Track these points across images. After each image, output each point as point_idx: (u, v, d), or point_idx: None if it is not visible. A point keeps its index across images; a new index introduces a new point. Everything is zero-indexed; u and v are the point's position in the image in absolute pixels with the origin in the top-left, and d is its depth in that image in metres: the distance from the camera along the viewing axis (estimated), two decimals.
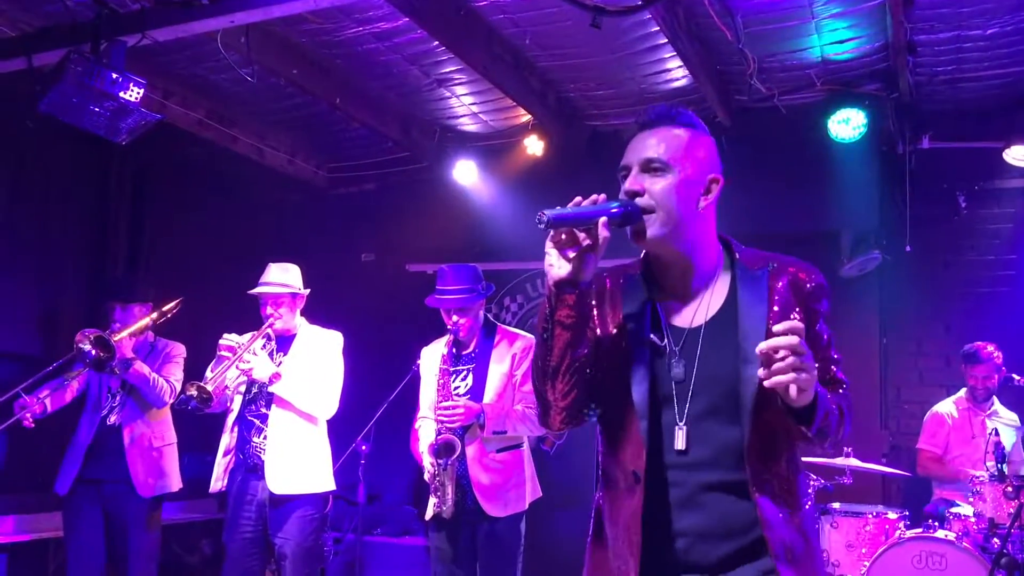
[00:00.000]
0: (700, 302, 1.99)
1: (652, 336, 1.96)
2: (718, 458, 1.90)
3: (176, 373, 4.79)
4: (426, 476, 4.13)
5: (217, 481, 4.30)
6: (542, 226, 1.85)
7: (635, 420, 1.92)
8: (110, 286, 5.12)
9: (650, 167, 1.93)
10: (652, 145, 1.94)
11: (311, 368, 4.35)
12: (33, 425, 4.48)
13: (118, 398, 4.68)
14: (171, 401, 4.71)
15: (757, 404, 1.86)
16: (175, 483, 4.77)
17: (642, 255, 2.09)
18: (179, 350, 4.89)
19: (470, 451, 4.09)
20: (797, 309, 1.94)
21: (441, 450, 4.04)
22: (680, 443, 1.91)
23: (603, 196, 1.90)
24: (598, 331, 2.02)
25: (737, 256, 2.02)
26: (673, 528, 1.91)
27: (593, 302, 2.05)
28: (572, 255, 1.88)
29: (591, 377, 1.98)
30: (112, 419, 4.64)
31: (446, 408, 4.04)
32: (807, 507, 1.97)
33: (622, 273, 2.10)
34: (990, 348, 5.33)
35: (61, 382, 4.60)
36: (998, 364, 5.31)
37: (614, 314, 2.03)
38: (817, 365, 1.81)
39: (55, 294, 6.01)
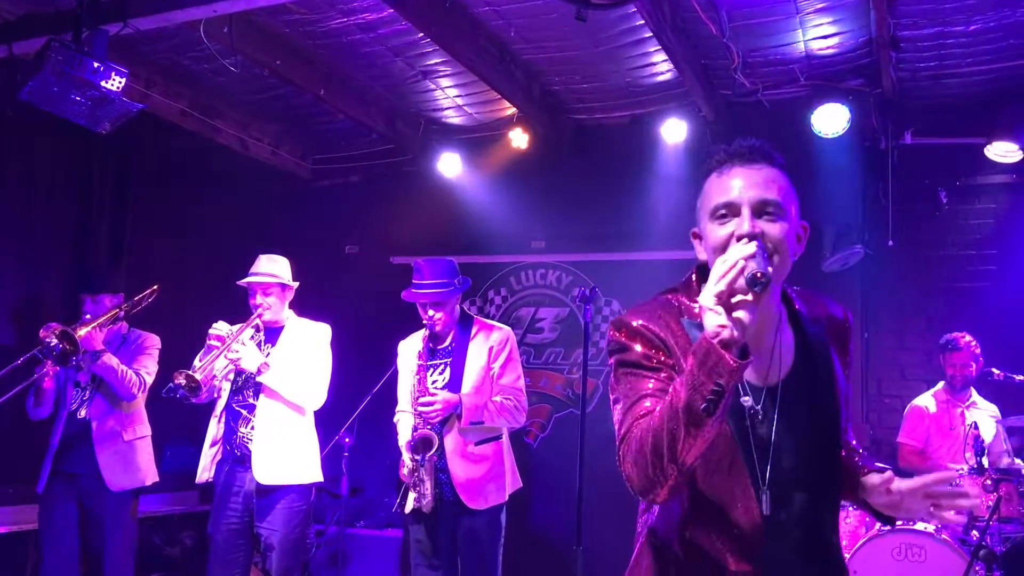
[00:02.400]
0: (772, 357, 1.84)
1: (745, 400, 1.79)
2: (801, 519, 1.82)
3: (149, 365, 4.74)
4: (405, 471, 4.13)
5: (204, 472, 4.29)
6: (761, 287, 1.60)
7: (736, 488, 1.79)
8: (80, 278, 5.08)
9: (766, 210, 1.77)
10: (763, 184, 1.79)
11: (299, 359, 4.34)
12: (52, 387, 4.48)
13: (87, 392, 4.64)
14: (140, 394, 4.66)
15: (836, 464, 1.84)
16: (149, 477, 4.73)
17: (694, 301, 1.83)
18: (152, 341, 4.85)
19: (449, 444, 4.09)
20: (840, 357, 1.91)
21: (419, 445, 4.04)
22: (766, 508, 1.79)
23: (755, 245, 1.69)
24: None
25: (796, 305, 1.92)
26: None
27: (668, 359, 1.83)
28: (742, 315, 1.62)
29: None
30: (81, 413, 4.60)
31: (424, 403, 4.04)
32: None
33: (676, 315, 1.87)
34: (967, 337, 5.38)
35: (35, 377, 4.53)
36: (975, 353, 5.36)
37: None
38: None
39: (37, 285, 5.97)
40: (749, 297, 1.60)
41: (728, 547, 1.80)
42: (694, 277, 1.93)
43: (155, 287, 4.80)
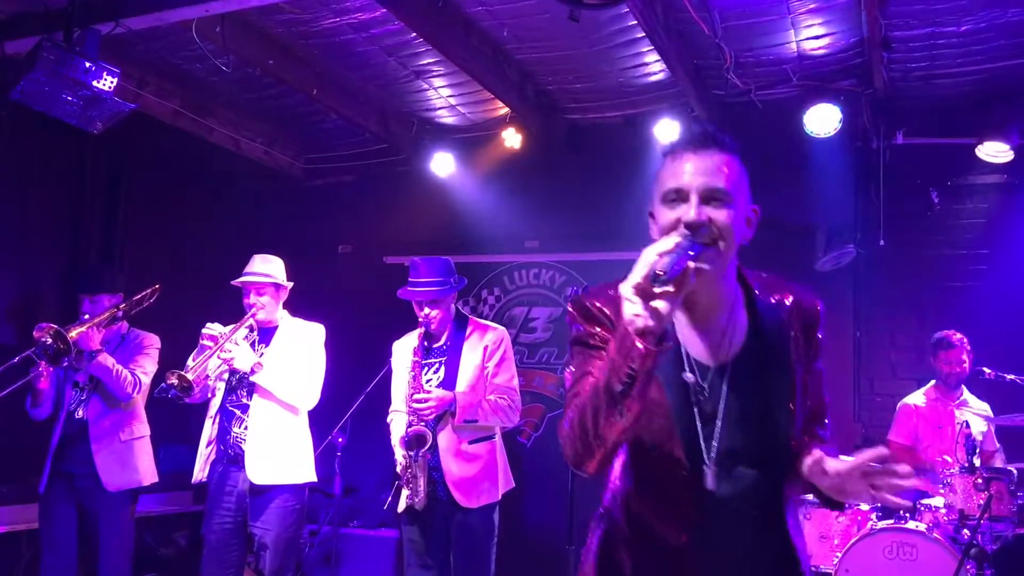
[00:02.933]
0: (724, 337, 1.89)
1: (686, 375, 1.86)
2: (747, 496, 1.85)
3: (146, 365, 4.72)
4: (398, 468, 4.14)
5: (199, 472, 4.29)
6: (660, 284, 1.63)
7: (673, 462, 1.85)
8: (78, 278, 5.07)
9: (713, 196, 1.81)
10: (712, 171, 1.83)
11: (293, 359, 4.34)
12: (48, 387, 4.47)
13: (84, 392, 4.63)
14: (137, 395, 4.65)
15: (784, 442, 1.86)
16: (147, 477, 4.72)
17: None
18: (151, 341, 4.84)
19: (442, 442, 4.10)
20: (804, 341, 1.92)
21: (412, 442, 4.05)
22: (710, 483, 1.84)
23: (678, 237, 1.73)
24: None
25: (753, 286, 1.96)
26: (706, 566, 1.87)
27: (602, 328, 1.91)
28: (659, 305, 1.65)
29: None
30: (79, 413, 4.59)
31: (418, 400, 4.05)
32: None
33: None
34: (959, 335, 5.39)
35: (30, 376, 4.51)
36: (967, 350, 5.37)
37: None
38: (815, 407, 1.87)
39: (31, 285, 5.96)
40: (670, 288, 1.63)
41: (668, 521, 1.87)
42: None
43: (156, 287, 4.79)
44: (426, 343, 4.27)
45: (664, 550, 1.88)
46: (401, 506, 4.13)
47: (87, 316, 4.57)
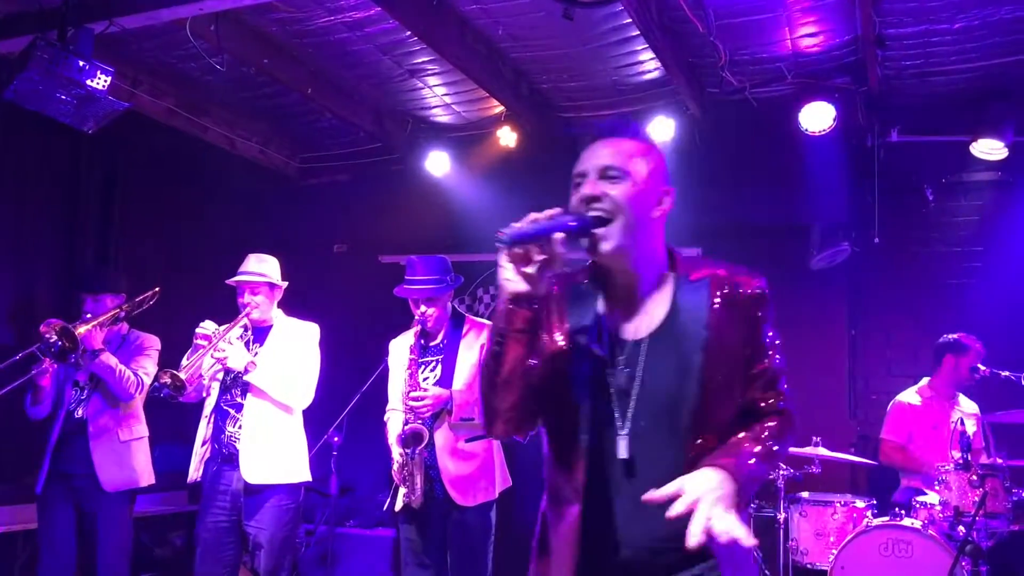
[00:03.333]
0: (645, 313, 2.00)
1: (595, 347, 1.97)
2: (660, 468, 1.88)
3: (147, 366, 4.72)
4: (395, 467, 4.13)
5: (194, 472, 4.28)
6: (502, 245, 1.84)
7: (578, 431, 1.95)
8: (82, 277, 5.06)
9: (607, 174, 1.95)
10: (609, 154, 1.97)
11: (287, 359, 4.34)
12: (49, 385, 4.47)
13: (85, 391, 4.62)
14: (139, 395, 4.65)
15: (696, 416, 1.91)
16: (145, 478, 4.71)
17: (589, 264, 2.08)
18: (152, 342, 4.83)
19: (439, 440, 4.09)
20: (736, 319, 1.97)
21: (409, 439, 4.05)
22: (622, 452, 1.93)
23: (559, 210, 1.89)
24: (545, 340, 2.00)
25: (679, 266, 2.04)
26: (616, 538, 1.94)
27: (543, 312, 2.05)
28: (529, 270, 1.87)
29: (538, 387, 1.97)
30: (78, 412, 4.58)
31: (415, 398, 4.05)
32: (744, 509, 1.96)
33: (570, 281, 2.09)
34: (973, 338, 5.38)
35: (33, 373, 4.50)
36: (982, 354, 5.33)
37: (561, 324, 2.03)
38: (758, 372, 1.95)
39: (26, 285, 5.94)
40: (539, 257, 1.84)
41: (572, 489, 1.96)
42: None
43: (156, 289, 4.78)
44: (423, 341, 4.27)
45: (572, 520, 1.95)
46: (398, 505, 4.12)
47: (89, 315, 4.56)
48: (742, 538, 1.70)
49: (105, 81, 4.20)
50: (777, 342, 2.05)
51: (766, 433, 1.97)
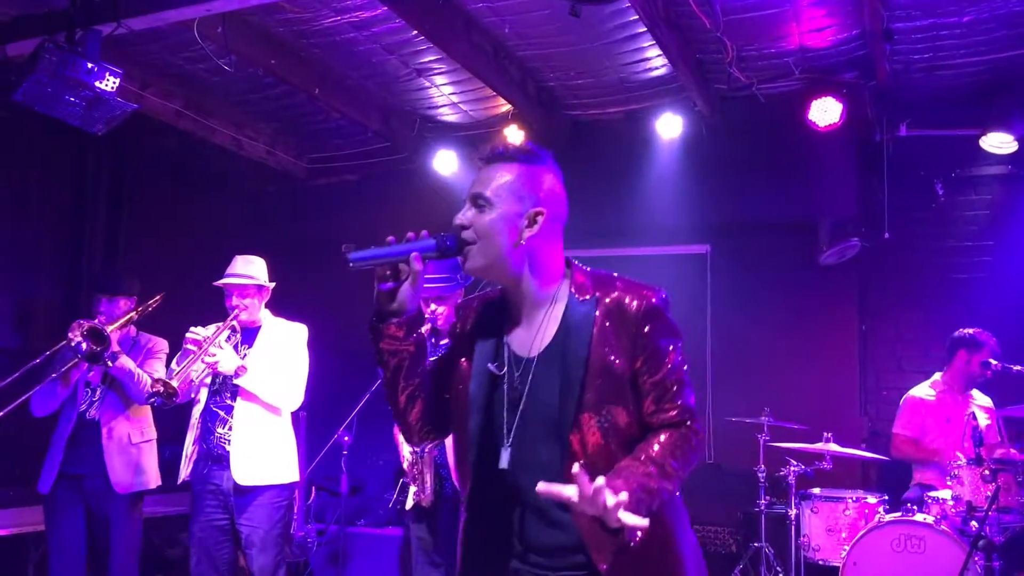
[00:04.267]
0: (539, 331, 2.07)
1: (490, 365, 2.08)
2: (538, 479, 1.85)
3: (159, 369, 4.71)
4: (405, 465, 4.13)
5: (184, 471, 4.29)
6: (349, 266, 2.00)
7: (469, 443, 2.07)
8: (97, 279, 5.06)
9: (477, 202, 2.05)
10: (481, 181, 2.07)
11: (276, 360, 4.34)
12: (64, 396, 4.46)
13: (98, 392, 4.62)
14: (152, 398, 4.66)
15: (574, 430, 1.97)
16: (153, 480, 4.71)
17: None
18: (162, 345, 4.84)
19: (448, 439, 4.09)
20: (624, 335, 2.01)
21: None
22: (503, 463, 2.02)
23: (424, 232, 2.02)
24: (452, 356, 2.17)
25: (574, 284, 2.09)
26: (499, 546, 2.05)
27: (457, 327, 2.21)
28: (387, 288, 2.02)
29: (440, 400, 2.15)
30: (91, 413, 4.58)
31: None
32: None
33: (485, 300, 2.21)
34: (987, 333, 5.36)
35: (56, 377, 4.48)
36: (996, 350, 5.32)
37: (469, 341, 2.15)
38: (651, 385, 1.98)
39: (31, 287, 5.96)
40: (389, 276, 2.02)
41: (464, 497, 2.10)
42: None
43: (162, 294, 4.79)
44: (433, 340, 4.26)
45: (460, 524, 2.11)
46: (408, 504, 4.12)
47: (103, 317, 4.57)
48: (639, 523, 1.77)
49: (114, 83, 4.21)
50: (677, 356, 2.04)
51: (656, 448, 1.95)
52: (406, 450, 4.12)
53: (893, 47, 5.38)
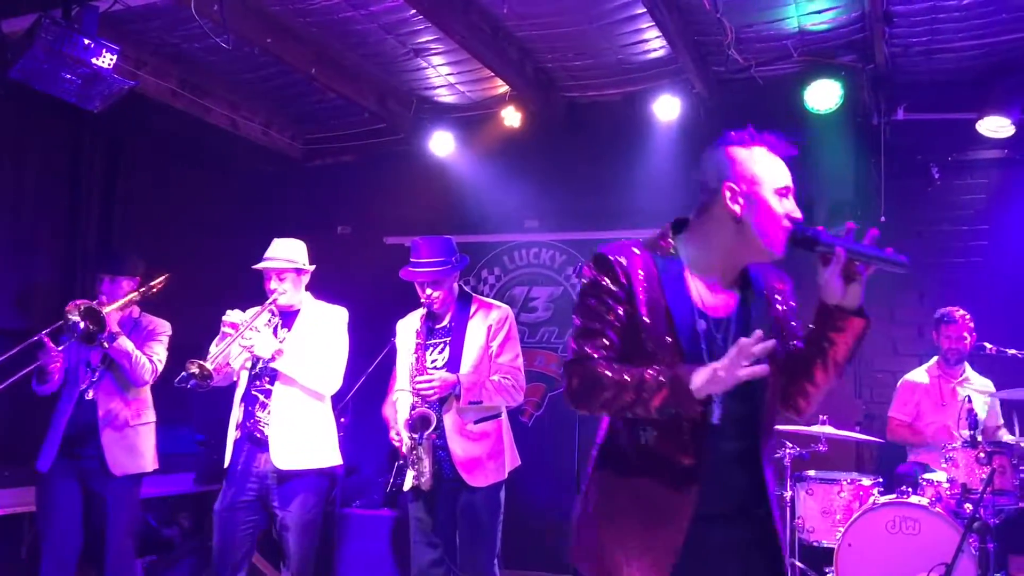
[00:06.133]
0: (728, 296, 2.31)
1: (699, 324, 2.23)
2: (740, 432, 2.22)
3: (159, 351, 4.69)
4: (403, 449, 4.13)
5: (228, 455, 4.25)
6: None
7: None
8: (101, 258, 5.02)
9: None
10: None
11: (315, 344, 4.29)
12: (59, 376, 4.45)
13: (97, 373, 4.60)
14: (152, 380, 4.64)
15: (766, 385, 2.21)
16: (150, 463, 4.68)
17: (671, 241, 2.36)
18: (163, 327, 4.80)
19: (448, 423, 4.09)
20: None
21: (417, 424, 4.04)
22: (715, 417, 2.16)
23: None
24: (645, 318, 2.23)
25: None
26: (703, 488, 2.17)
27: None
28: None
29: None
30: (89, 394, 4.56)
31: (422, 382, 4.04)
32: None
33: (650, 258, 2.32)
34: (961, 311, 5.41)
35: (41, 362, 4.46)
36: (969, 326, 5.38)
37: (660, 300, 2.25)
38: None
39: (28, 266, 5.93)
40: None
41: (679, 448, 2.18)
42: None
43: (167, 275, 4.75)
44: (429, 323, 4.25)
45: (673, 474, 2.19)
46: (407, 485, 4.12)
47: (104, 297, 4.54)
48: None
49: (111, 60, 4.17)
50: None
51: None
52: (404, 434, 4.12)
53: (891, 30, 5.37)
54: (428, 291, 4.18)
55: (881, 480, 5.11)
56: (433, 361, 4.18)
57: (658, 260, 2.28)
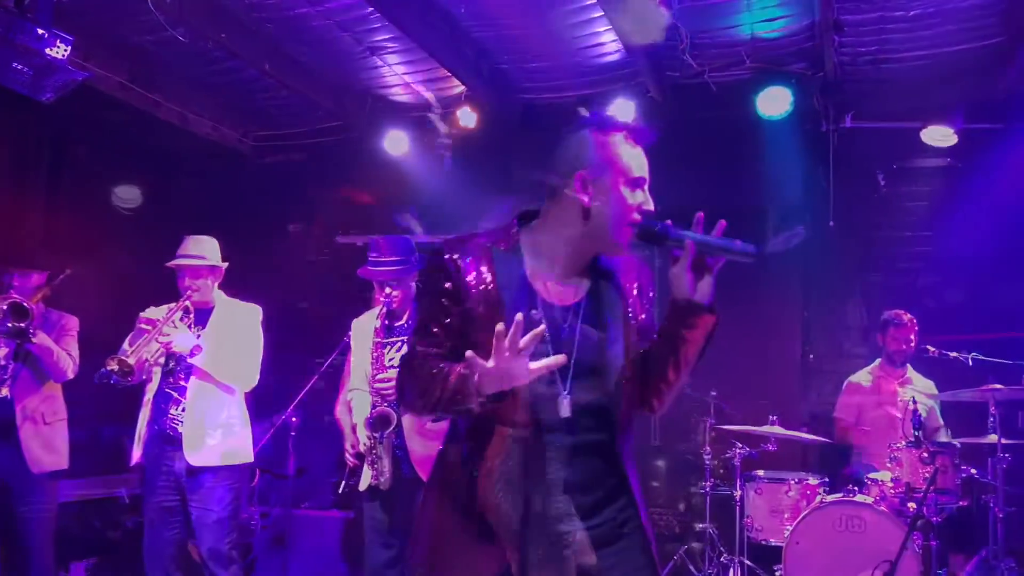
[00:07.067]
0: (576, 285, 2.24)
1: (534, 312, 2.13)
2: (596, 426, 2.16)
3: (74, 347, 4.62)
4: (362, 448, 4.10)
5: (135, 452, 4.22)
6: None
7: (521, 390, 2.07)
8: (9, 253, 4.90)
9: None
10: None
11: (231, 340, 4.29)
12: None
13: (10, 369, 4.49)
14: (72, 375, 4.55)
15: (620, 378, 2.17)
16: (65, 460, 4.59)
17: (515, 232, 2.28)
18: (74, 323, 4.71)
19: (406, 421, 4.06)
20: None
21: (377, 423, 4.02)
22: (564, 411, 2.11)
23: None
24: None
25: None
26: (551, 480, 2.11)
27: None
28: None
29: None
30: (3, 391, 4.45)
31: (381, 380, 4.02)
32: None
33: (487, 248, 2.22)
34: (908, 315, 5.53)
35: None
36: (915, 329, 5.50)
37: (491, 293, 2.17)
38: None
39: None
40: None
41: (514, 439, 2.12)
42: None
43: (69, 269, 4.65)
44: (387, 322, 4.23)
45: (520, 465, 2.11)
46: (363, 485, 4.09)
47: (14, 291, 4.43)
48: None
49: (65, 50, 4.08)
50: None
51: None
52: (362, 434, 4.09)
53: (841, 39, 5.49)
54: (388, 289, 4.15)
55: (827, 480, 5.20)
56: (391, 360, 4.16)
57: (497, 253, 2.20)
